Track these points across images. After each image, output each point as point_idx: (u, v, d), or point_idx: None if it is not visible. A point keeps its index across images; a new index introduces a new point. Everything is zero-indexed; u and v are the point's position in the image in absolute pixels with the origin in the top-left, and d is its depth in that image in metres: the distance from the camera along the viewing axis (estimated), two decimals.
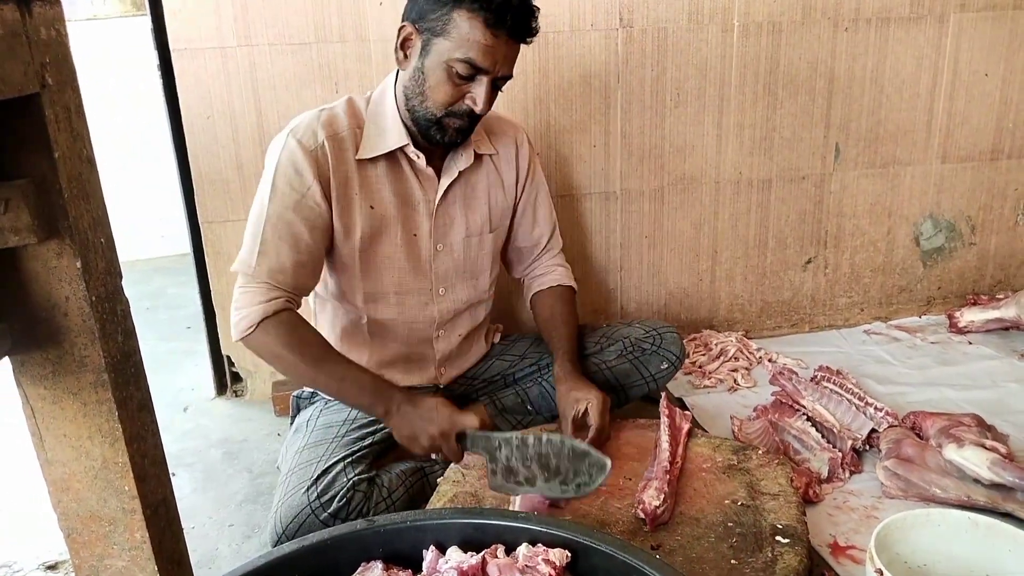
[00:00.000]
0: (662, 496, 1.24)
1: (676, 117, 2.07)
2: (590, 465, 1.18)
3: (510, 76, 1.37)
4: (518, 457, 1.22)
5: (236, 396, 2.10)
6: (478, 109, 1.34)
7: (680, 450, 1.41)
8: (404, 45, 1.37)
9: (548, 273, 1.68)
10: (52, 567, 1.42)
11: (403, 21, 1.36)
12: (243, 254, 1.38)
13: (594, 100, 2.01)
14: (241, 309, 1.35)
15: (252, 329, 1.34)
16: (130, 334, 0.83)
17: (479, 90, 1.33)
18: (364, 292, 1.49)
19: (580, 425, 1.41)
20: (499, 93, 1.38)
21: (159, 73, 1.88)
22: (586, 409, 1.40)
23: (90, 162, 0.78)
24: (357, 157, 1.41)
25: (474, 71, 1.31)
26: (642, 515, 1.23)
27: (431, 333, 1.57)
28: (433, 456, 1.37)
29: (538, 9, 1.36)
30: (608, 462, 1.17)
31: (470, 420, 1.28)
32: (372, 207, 1.44)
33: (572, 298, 1.68)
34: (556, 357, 1.54)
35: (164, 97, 1.89)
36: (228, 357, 2.06)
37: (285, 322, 1.35)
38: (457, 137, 1.40)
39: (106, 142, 3.19)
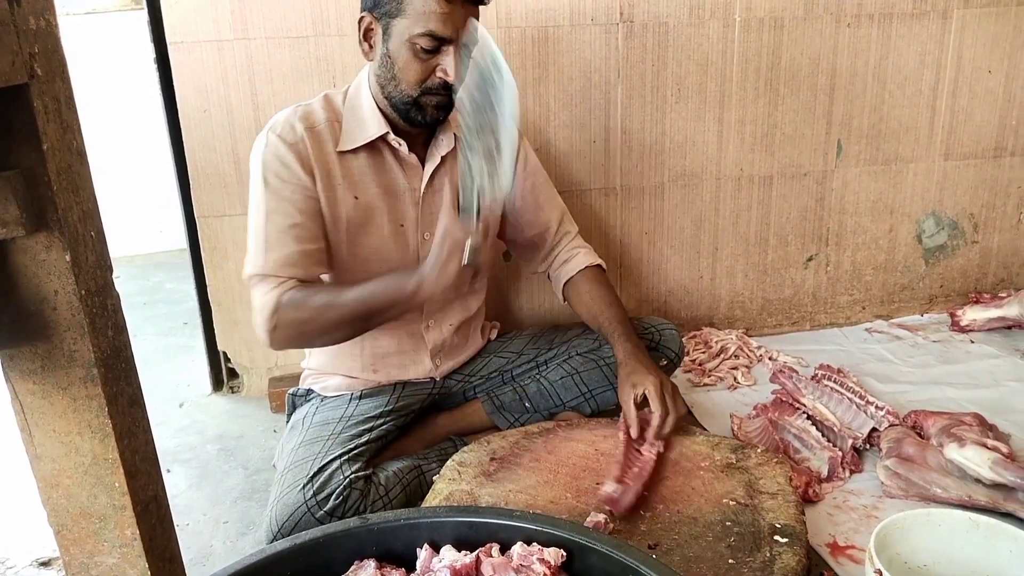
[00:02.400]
0: (615, 484, 1.25)
1: (677, 113, 2.05)
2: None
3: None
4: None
5: (232, 392, 2.09)
6: (450, 79, 1.33)
7: (648, 444, 1.38)
8: (367, 36, 1.39)
9: (571, 259, 1.65)
10: (45, 564, 1.41)
11: (360, 13, 1.38)
12: (252, 256, 1.37)
13: (594, 95, 2.00)
14: (259, 309, 1.34)
15: (274, 321, 1.31)
16: (121, 329, 0.82)
17: (447, 60, 1.33)
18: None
19: (641, 409, 1.41)
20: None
21: (156, 67, 1.87)
22: (644, 396, 1.40)
23: (80, 154, 0.77)
24: (338, 149, 1.41)
25: (437, 42, 1.31)
26: (607, 507, 1.24)
27: (419, 323, 1.56)
28: (464, 261, 1.23)
29: None
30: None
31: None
32: (357, 197, 1.44)
33: (604, 277, 1.65)
34: (612, 341, 1.53)
35: (161, 91, 1.88)
36: (224, 353, 2.05)
37: (296, 292, 1.33)
38: (438, 114, 1.40)
39: (104, 136, 3.18)
